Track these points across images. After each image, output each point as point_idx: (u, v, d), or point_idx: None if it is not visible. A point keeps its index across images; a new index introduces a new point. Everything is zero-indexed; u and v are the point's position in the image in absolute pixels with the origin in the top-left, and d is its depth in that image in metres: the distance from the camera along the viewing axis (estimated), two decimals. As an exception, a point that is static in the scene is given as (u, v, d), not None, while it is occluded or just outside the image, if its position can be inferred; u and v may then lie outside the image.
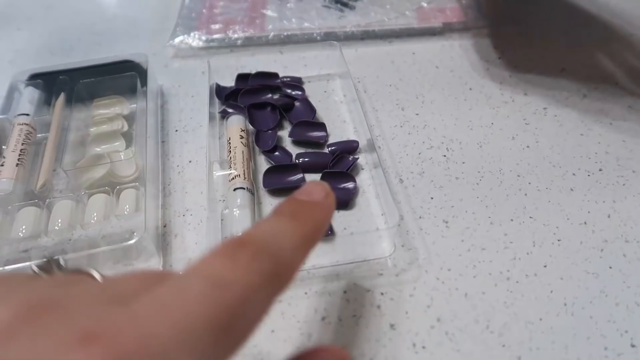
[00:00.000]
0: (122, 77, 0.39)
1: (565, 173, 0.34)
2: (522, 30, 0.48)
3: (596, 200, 0.32)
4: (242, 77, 0.42)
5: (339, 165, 0.35)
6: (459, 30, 0.48)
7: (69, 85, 0.39)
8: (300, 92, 0.41)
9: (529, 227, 0.31)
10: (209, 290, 0.15)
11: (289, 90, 0.41)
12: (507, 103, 0.40)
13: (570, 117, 0.39)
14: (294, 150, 0.37)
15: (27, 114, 0.36)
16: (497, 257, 0.30)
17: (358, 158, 0.35)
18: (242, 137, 0.36)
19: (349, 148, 0.36)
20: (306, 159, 0.35)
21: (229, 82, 0.43)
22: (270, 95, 0.41)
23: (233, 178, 0.33)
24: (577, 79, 0.42)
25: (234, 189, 0.32)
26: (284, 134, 0.38)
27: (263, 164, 0.36)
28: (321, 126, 0.38)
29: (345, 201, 0.33)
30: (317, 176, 0.34)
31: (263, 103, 0.39)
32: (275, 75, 0.42)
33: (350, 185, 0.33)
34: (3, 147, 0.35)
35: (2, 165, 0.32)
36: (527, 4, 0.51)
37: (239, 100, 0.40)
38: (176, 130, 0.39)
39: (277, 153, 0.36)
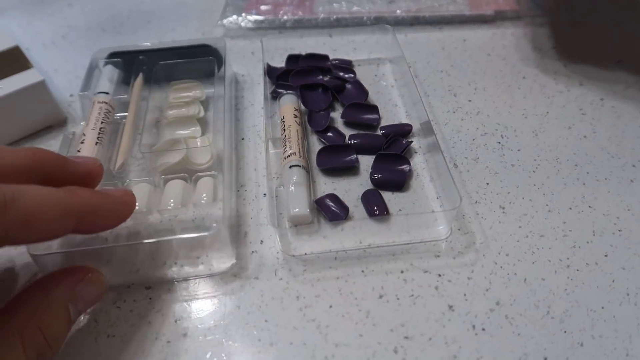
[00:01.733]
0: (200, 61, 0.39)
1: (624, 164, 0.34)
2: (576, 19, 0.47)
3: (657, 193, 0.32)
4: (292, 58, 0.42)
5: (392, 147, 0.35)
6: (511, 18, 0.47)
7: (147, 65, 0.39)
8: (351, 75, 0.41)
9: (588, 217, 0.31)
10: None
11: (340, 73, 0.41)
12: (562, 93, 0.39)
13: (628, 108, 0.38)
14: (346, 132, 0.37)
15: (107, 92, 0.36)
16: (556, 245, 0.29)
17: (412, 142, 0.35)
18: (295, 117, 0.36)
19: (402, 131, 0.36)
20: (359, 140, 0.35)
21: (278, 63, 0.43)
22: (321, 77, 0.41)
23: (288, 156, 0.33)
24: (634, 71, 0.41)
25: (290, 167, 0.32)
26: (336, 115, 0.38)
27: (315, 144, 0.36)
28: (374, 109, 0.38)
29: (400, 183, 0.32)
30: (370, 158, 0.34)
31: (315, 84, 0.39)
32: (325, 58, 0.42)
33: (405, 167, 0.33)
34: (82, 123, 0.35)
35: (82, 142, 0.32)
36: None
37: (290, 81, 0.40)
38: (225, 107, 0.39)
39: (329, 134, 0.36)
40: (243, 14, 0.47)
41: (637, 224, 0.30)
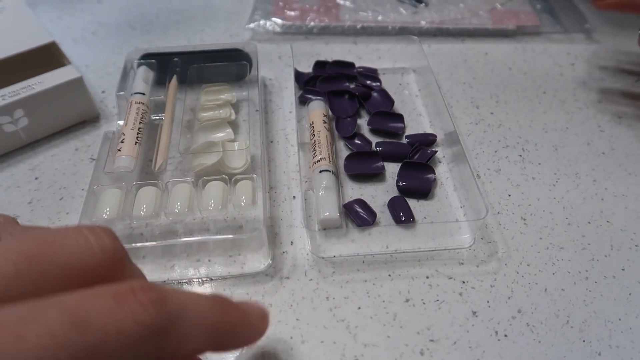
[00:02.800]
0: (233, 65, 0.40)
1: (641, 182, 0.35)
2: (596, 39, 0.48)
3: (673, 211, 0.33)
4: (319, 64, 0.44)
5: (418, 156, 0.36)
6: (532, 34, 0.48)
7: (181, 67, 0.40)
8: (377, 83, 0.42)
9: (606, 231, 0.32)
10: (65, 328, 0.14)
11: (366, 80, 0.42)
12: (581, 109, 0.41)
13: (645, 127, 0.39)
14: (372, 139, 0.38)
15: (143, 93, 0.37)
16: (576, 257, 0.30)
17: (437, 151, 0.36)
18: (324, 122, 0.37)
19: (427, 141, 0.37)
20: (385, 148, 0.37)
21: (304, 68, 0.44)
22: (347, 84, 0.42)
23: (318, 160, 0.34)
24: (652, 90, 0.42)
25: (320, 171, 0.33)
26: (362, 122, 0.39)
27: (342, 149, 0.37)
28: (399, 117, 0.39)
29: (426, 191, 0.34)
30: (396, 165, 0.35)
31: (342, 91, 0.40)
32: (351, 65, 0.44)
33: (431, 176, 0.34)
34: (119, 122, 0.36)
35: (122, 142, 0.33)
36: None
37: (318, 87, 0.41)
38: (256, 110, 0.41)
39: (356, 140, 0.37)
40: (271, 18, 0.48)
41: (653, 240, 0.31)
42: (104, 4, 0.53)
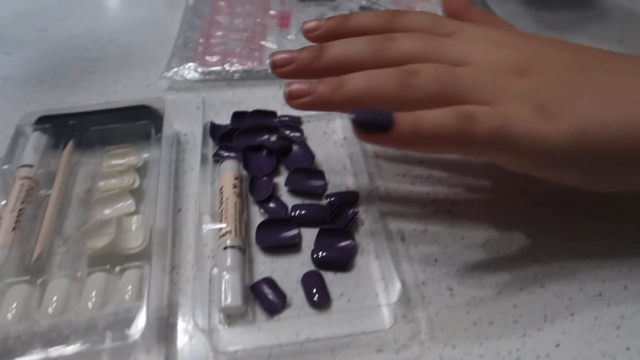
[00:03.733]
0: (135, 125, 0.37)
1: (578, 235, 0.32)
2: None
3: (611, 268, 0.30)
4: (238, 115, 0.40)
5: (337, 219, 0.33)
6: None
7: (80, 130, 0.36)
8: (298, 134, 0.39)
9: (539, 298, 0.29)
10: None
11: (287, 131, 0.39)
12: (516, 151, 0.38)
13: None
14: (290, 200, 0.35)
15: (31, 165, 0.33)
16: (506, 333, 0.27)
17: (358, 212, 0.33)
18: (235, 187, 0.34)
19: (349, 199, 0.34)
20: (303, 212, 0.33)
21: (225, 118, 0.41)
22: (267, 137, 0.39)
23: (224, 235, 0.31)
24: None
25: (224, 248, 0.30)
26: (281, 180, 0.36)
27: (257, 215, 0.34)
28: (319, 174, 0.36)
29: (343, 263, 0.30)
30: (314, 231, 0.32)
31: (259, 146, 0.37)
32: (273, 114, 0.41)
33: (349, 243, 0.31)
34: (2, 202, 0.32)
35: None
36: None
37: (234, 142, 0.38)
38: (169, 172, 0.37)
39: (271, 204, 0.34)
40: (188, 65, 0.45)
41: (589, 306, 0.28)
42: (14, 55, 0.50)
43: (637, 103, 0.26)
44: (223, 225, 0.31)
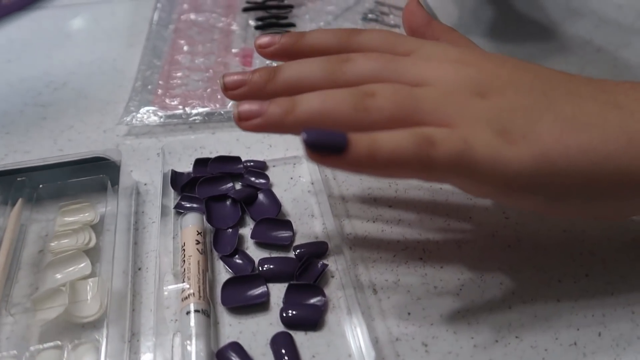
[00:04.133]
0: (89, 179, 0.35)
1: (550, 279, 0.32)
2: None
3: (584, 313, 0.30)
4: (200, 162, 0.39)
5: (306, 274, 0.31)
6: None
7: (30, 187, 0.35)
8: (264, 181, 0.38)
9: (515, 350, 0.28)
10: None
11: (252, 178, 0.38)
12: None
13: (548, 225, 0.36)
14: (257, 253, 0.33)
15: None
16: (483, 391, 0.27)
17: (327, 265, 0.32)
18: (198, 242, 0.32)
19: (318, 251, 0.33)
20: (270, 266, 0.32)
21: (187, 165, 0.39)
22: (231, 185, 0.37)
23: (186, 297, 0.29)
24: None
25: (187, 312, 0.28)
26: (247, 231, 0.35)
27: (222, 271, 0.32)
28: (287, 224, 0.34)
29: (313, 322, 0.29)
30: (282, 286, 0.31)
31: (223, 195, 0.36)
32: (237, 160, 0.39)
33: (319, 300, 0.30)
34: None
35: None
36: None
37: (197, 191, 0.36)
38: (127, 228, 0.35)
39: (237, 259, 0.33)
40: (148, 109, 0.43)
41: (565, 357, 0.28)
42: (-40, 101, 0.47)
43: (598, 128, 0.25)
44: (186, 286, 0.30)
